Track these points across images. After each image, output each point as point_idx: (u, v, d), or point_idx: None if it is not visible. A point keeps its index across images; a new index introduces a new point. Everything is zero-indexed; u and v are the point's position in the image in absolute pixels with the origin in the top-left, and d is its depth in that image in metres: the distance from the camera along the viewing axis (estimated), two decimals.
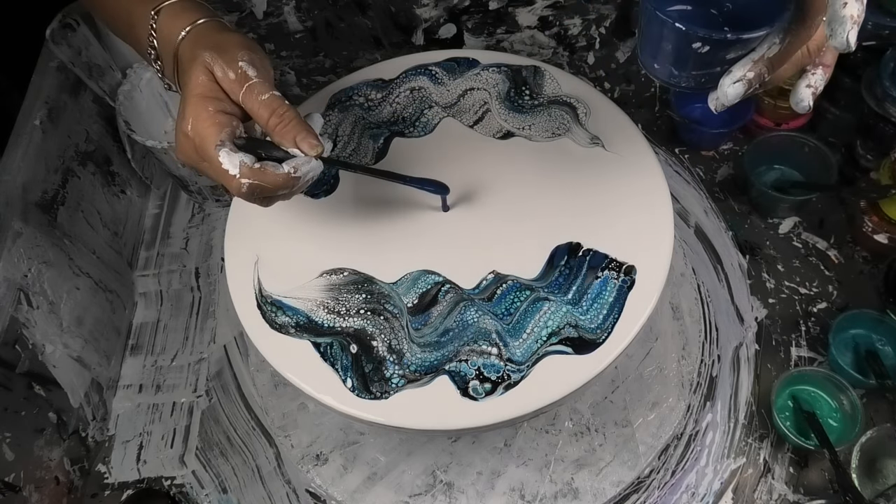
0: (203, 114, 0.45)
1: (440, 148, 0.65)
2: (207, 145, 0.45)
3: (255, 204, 0.48)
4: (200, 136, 0.45)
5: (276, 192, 0.47)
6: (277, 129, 0.47)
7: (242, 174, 0.44)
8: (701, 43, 0.41)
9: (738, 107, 0.49)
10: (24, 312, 0.67)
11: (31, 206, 0.71)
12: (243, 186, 0.45)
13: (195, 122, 0.45)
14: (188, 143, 0.46)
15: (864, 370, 0.71)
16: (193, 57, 0.47)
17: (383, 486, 0.66)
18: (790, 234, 0.83)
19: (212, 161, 0.45)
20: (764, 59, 0.42)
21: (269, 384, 0.73)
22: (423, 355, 0.53)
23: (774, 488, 0.68)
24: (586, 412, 0.69)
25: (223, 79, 0.47)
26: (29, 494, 0.66)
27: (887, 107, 0.75)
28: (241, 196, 0.46)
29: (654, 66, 0.45)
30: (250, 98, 0.47)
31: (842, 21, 0.38)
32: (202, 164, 0.46)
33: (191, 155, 0.47)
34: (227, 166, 0.44)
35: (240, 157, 0.45)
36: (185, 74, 0.48)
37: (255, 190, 0.45)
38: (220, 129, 0.45)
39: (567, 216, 0.59)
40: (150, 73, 0.86)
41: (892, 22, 0.77)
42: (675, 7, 0.46)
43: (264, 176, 0.45)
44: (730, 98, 0.43)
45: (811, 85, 0.43)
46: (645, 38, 0.45)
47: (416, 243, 0.59)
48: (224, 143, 0.45)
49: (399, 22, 0.96)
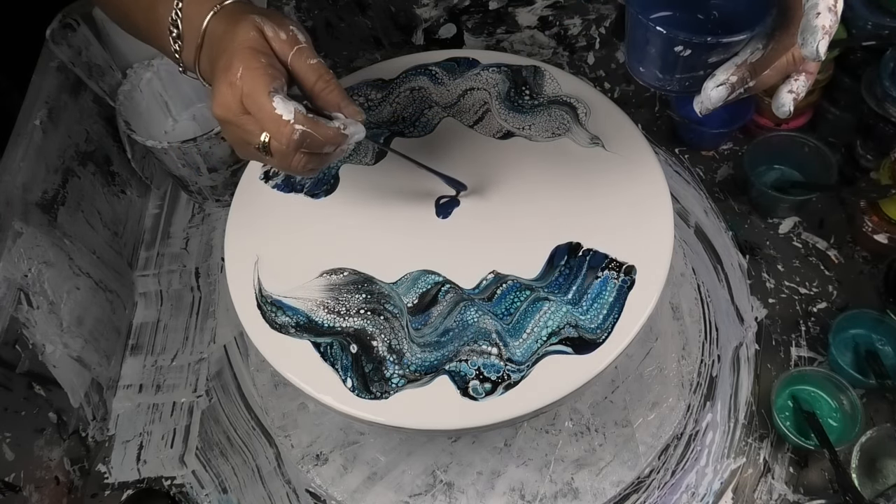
0: (255, 63, 0.45)
1: (440, 148, 0.65)
2: (259, 92, 0.44)
3: (296, 168, 0.47)
4: (251, 84, 0.44)
5: (323, 147, 0.46)
6: (323, 93, 0.48)
7: (297, 120, 0.44)
8: (683, 46, 0.42)
9: (738, 107, 0.50)
10: (24, 312, 0.67)
11: (32, 206, 0.71)
12: (296, 132, 0.44)
13: (246, 70, 0.45)
14: (232, 94, 0.45)
15: (864, 370, 0.71)
16: (237, 20, 0.47)
17: (383, 486, 0.66)
18: (790, 234, 0.83)
19: (262, 108, 0.44)
20: (747, 63, 0.43)
21: (269, 384, 0.73)
22: (423, 355, 0.53)
23: (774, 488, 0.68)
24: (586, 412, 0.69)
25: (274, 38, 0.47)
26: (29, 494, 0.66)
27: (887, 107, 0.75)
28: (289, 147, 0.45)
29: (641, 70, 0.46)
30: (299, 60, 0.47)
31: (813, 31, 0.39)
32: (242, 116, 0.46)
33: (231, 106, 0.46)
34: (281, 111, 0.44)
35: (294, 104, 0.44)
36: (225, 38, 0.47)
37: (306, 139, 0.45)
38: (272, 79, 0.45)
39: (567, 216, 0.59)
40: (151, 73, 0.86)
41: (892, 22, 0.77)
42: (661, 13, 0.47)
43: (317, 126, 0.45)
44: (713, 101, 0.44)
45: (793, 90, 0.44)
46: (631, 43, 0.46)
47: (416, 243, 0.59)
48: (277, 91, 0.45)
49: (399, 22, 0.96)
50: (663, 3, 0.47)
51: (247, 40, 0.46)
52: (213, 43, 0.48)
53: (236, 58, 0.45)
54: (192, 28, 0.49)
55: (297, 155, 0.46)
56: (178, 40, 0.50)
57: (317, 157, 0.48)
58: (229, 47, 0.46)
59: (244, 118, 0.46)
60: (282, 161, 0.47)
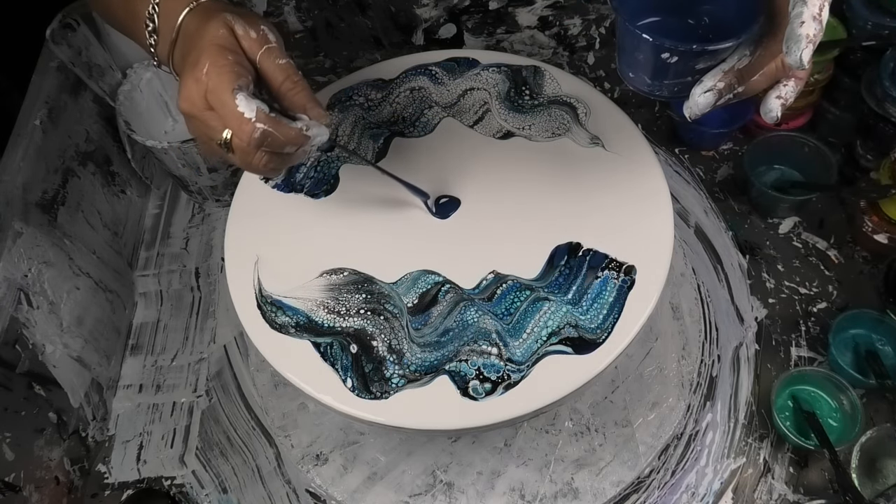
0: (221, 60, 0.45)
1: (440, 148, 0.65)
2: (223, 89, 0.44)
3: (258, 167, 0.47)
4: (216, 81, 0.45)
5: (284, 147, 0.47)
6: (290, 94, 0.48)
7: (258, 118, 0.44)
8: (669, 53, 0.43)
9: (738, 107, 0.50)
10: (24, 312, 0.67)
11: (32, 206, 0.71)
12: (256, 131, 0.44)
13: (212, 67, 0.45)
14: (197, 89, 0.45)
15: (864, 370, 0.71)
16: (209, 17, 0.47)
17: (383, 486, 0.66)
18: (790, 234, 0.83)
19: (225, 105, 0.44)
20: (734, 70, 0.44)
21: (269, 384, 0.73)
22: (423, 355, 0.53)
23: (774, 488, 0.68)
24: (586, 412, 0.69)
25: (244, 36, 0.47)
26: (29, 494, 0.66)
27: (887, 107, 0.75)
28: (250, 145, 0.45)
29: (630, 76, 0.47)
30: (268, 59, 0.47)
31: (797, 39, 0.39)
32: (206, 112, 0.46)
33: (196, 101, 0.46)
34: (243, 108, 0.44)
35: (257, 102, 0.45)
36: (197, 34, 0.47)
37: (267, 138, 0.45)
38: (237, 76, 0.45)
39: (567, 216, 0.59)
40: (151, 73, 0.86)
41: (892, 22, 0.77)
42: (650, 19, 0.48)
43: (278, 125, 0.45)
44: (700, 107, 0.45)
45: (781, 96, 0.44)
46: (621, 50, 0.47)
47: (416, 243, 0.59)
48: (242, 89, 0.45)
49: (399, 22, 0.96)
50: (653, 10, 0.48)
51: (216, 37, 0.46)
52: (186, 39, 0.48)
53: (204, 54, 0.46)
54: (167, 23, 0.49)
55: (258, 153, 0.46)
56: (154, 34, 0.51)
57: (278, 157, 0.48)
58: (199, 43, 0.46)
59: (207, 114, 0.46)
60: (243, 158, 0.47)
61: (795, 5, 0.40)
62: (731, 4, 0.45)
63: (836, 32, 0.81)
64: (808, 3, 0.39)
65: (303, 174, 0.64)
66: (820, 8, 0.39)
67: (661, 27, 0.47)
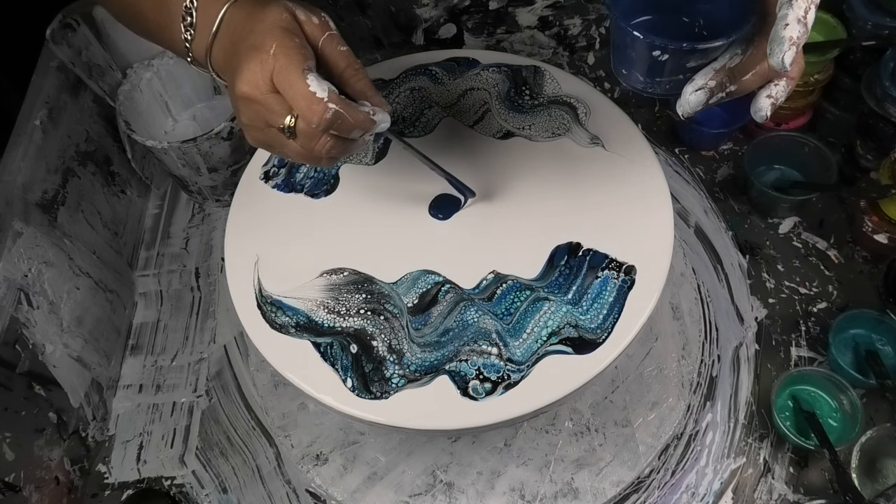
0: (289, 42, 0.45)
1: (440, 148, 0.65)
2: (293, 69, 0.44)
3: (319, 153, 0.46)
4: (285, 61, 0.44)
5: (351, 132, 0.46)
6: (352, 80, 0.48)
7: (331, 99, 0.44)
8: (660, 52, 0.43)
9: (738, 107, 0.50)
10: (24, 312, 0.67)
11: (32, 206, 0.71)
12: (328, 111, 0.43)
13: (279, 48, 0.44)
14: (262, 70, 0.44)
15: (864, 370, 0.71)
16: (264, 4, 0.46)
17: (383, 486, 0.66)
18: (790, 234, 0.83)
19: (294, 86, 0.44)
20: (725, 68, 0.44)
21: (269, 384, 0.73)
22: (423, 355, 0.53)
23: (774, 488, 0.68)
24: (586, 412, 0.69)
25: (306, 22, 0.47)
26: (29, 494, 0.66)
27: (887, 107, 0.75)
28: (319, 126, 0.44)
29: (624, 73, 0.47)
30: (330, 45, 0.47)
31: (780, 41, 0.39)
32: (269, 95, 0.45)
33: (259, 84, 0.45)
34: (315, 89, 0.43)
35: (328, 84, 0.44)
36: (253, 20, 0.46)
37: (337, 119, 0.44)
38: (305, 59, 0.45)
39: (567, 216, 0.59)
40: (151, 73, 0.86)
41: (892, 22, 0.77)
42: (644, 17, 0.48)
43: (349, 107, 0.45)
44: (692, 105, 0.45)
45: (771, 95, 0.44)
46: (615, 48, 0.47)
47: (416, 243, 0.59)
48: (312, 70, 0.44)
49: (399, 22, 0.96)
50: (647, 9, 0.48)
51: (280, 20, 0.46)
52: (234, 29, 0.47)
53: (269, 36, 0.45)
54: (206, 16, 0.49)
55: (322, 137, 0.45)
56: (191, 29, 0.50)
57: (341, 143, 0.47)
58: (258, 28, 0.45)
59: (271, 97, 0.45)
60: (306, 143, 0.46)
61: (782, 7, 0.40)
62: (725, 4, 0.46)
63: (836, 32, 0.81)
64: (793, 6, 0.39)
65: (303, 174, 0.64)
66: (805, 11, 0.39)
67: (656, 26, 0.48)
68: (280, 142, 0.47)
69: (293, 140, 0.46)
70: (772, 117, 0.88)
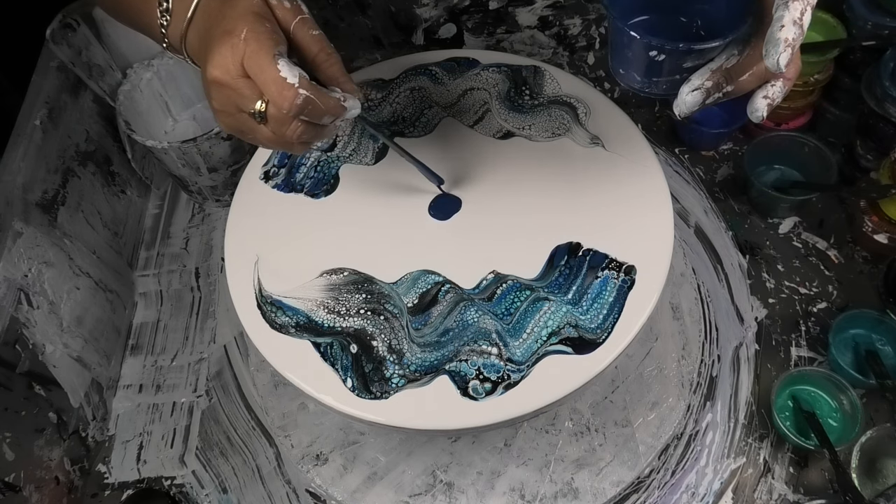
0: (260, 27, 0.44)
1: (440, 148, 0.65)
2: (264, 55, 0.43)
3: (290, 138, 0.46)
4: (255, 46, 0.44)
5: (322, 118, 0.46)
6: (324, 65, 0.47)
7: (301, 85, 0.43)
8: (657, 52, 0.43)
9: (738, 107, 0.50)
10: (24, 312, 0.67)
11: (32, 206, 0.71)
12: (299, 97, 0.43)
13: (250, 33, 0.44)
14: (233, 55, 0.44)
15: (864, 370, 0.71)
16: None
17: (383, 486, 0.66)
18: (790, 234, 0.83)
19: (264, 71, 0.43)
20: (722, 69, 0.44)
21: (269, 384, 0.73)
22: (423, 355, 0.53)
23: (774, 488, 0.68)
24: (586, 412, 0.69)
25: (277, 6, 0.46)
26: (29, 494, 0.66)
27: (887, 107, 0.75)
28: (290, 111, 0.44)
29: (621, 73, 0.47)
30: (302, 29, 0.47)
31: (776, 43, 0.39)
32: (240, 79, 0.45)
33: (230, 68, 0.44)
34: (285, 74, 0.43)
35: (298, 69, 0.44)
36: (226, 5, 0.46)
37: (308, 105, 0.44)
38: (276, 44, 0.44)
39: (567, 216, 0.59)
40: (151, 73, 0.86)
41: (892, 22, 0.77)
42: (642, 17, 0.48)
43: (319, 93, 0.45)
44: (688, 105, 0.44)
45: (768, 96, 0.44)
46: (612, 47, 0.47)
47: (416, 243, 0.59)
48: (282, 55, 0.44)
49: (399, 22, 0.96)
50: (645, 9, 0.48)
51: (251, 5, 0.45)
52: (208, 14, 0.47)
53: (240, 21, 0.44)
54: (183, 1, 0.48)
55: (293, 123, 0.45)
56: (167, 14, 0.49)
57: (312, 129, 0.47)
58: (230, 13, 0.45)
59: (242, 81, 0.45)
60: (277, 129, 0.45)
61: (778, 8, 0.40)
62: (722, 4, 0.46)
63: (836, 32, 0.81)
64: (789, 8, 0.39)
65: (303, 174, 0.64)
66: (801, 12, 0.39)
67: (653, 26, 0.48)
68: (251, 127, 0.46)
69: (264, 125, 0.46)
70: (772, 117, 0.89)
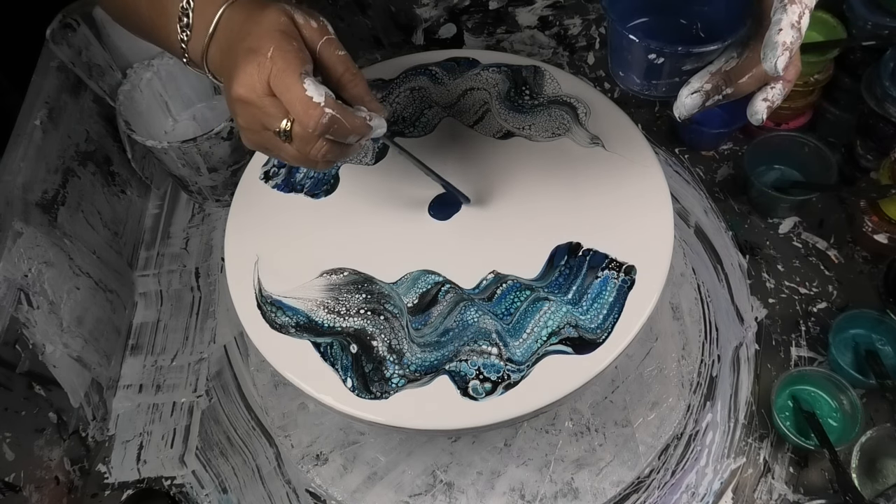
0: (287, 45, 0.44)
1: (440, 148, 0.65)
2: (290, 73, 0.43)
3: (315, 157, 0.46)
4: (282, 65, 0.44)
5: (347, 137, 0.46)
6: (349, 85, 0.48)
7: (327, 104, 0.43)
8: (656, 55, 0.43)
9: (738, 107, 0.50)
10: (24, 312, 0.67)
11: (32, 206, 0.71)
12: (325, 116, 0.43)
13: (277, 51, 0.44)
14: (259, 73, 0.44)
15: (864, 370, 0.71)
16: (262, 6, 0.46)
17: (383, 486, 0.66)
18: (790, 234, 0.83)
19: (290, 90, 0.43)
20: (721, 72, 0.44)
21: (269, 384, 0.73)
22: (423, 355, 0.53)
23: (774, 488, 0.68)
24: (586, 412, 0.69)
25: (304, 25, 0.46)
26: (29, 494, 0.66)
27: (887, 107, 0.75)
28: (315, 131, 0.44)
29: (621, 75, 0.47)
30: (328, 49, 0.47)
31: (773, 46, 0.39)
32: (266, 98, 0.44)
33: (256, 87, 0.44)
34: (311, 93, 0.43)
35: (325, 88, 0.44)
36: (250, 22, 0.46)
37: (334, 124, 0.44)
38: (303, 63, 0.44)
39: (567, 216, 0.59)
40: (151, 73, 0.86)
41: (892, 22, 0.77)
42: (642, 19, 0.48)
43: (345, 112, 0.45)
44: (688, 108, 0.45)
45: (768, 98, 0.44)
46: (612, 50, 0.47)
47: (416, 243, 0.59)
48: (309, 74, 0.44)
49: (399, 22, 0.96)
50: (645, 11, 0.48)
51: (278, 24, 0.45)
52: (231, 30, 0.47)
53: (266, 39, 0.44)
54: (203, 17, 0.48)
55: (318, 142, 0.45)
56: (187, 30, 0.49)
57: (337, 147, 0.47)
58: (255, 30, 0.45)
59: (267, 100, 0.44)
60: (302, 147, 0.45)
61: (776, 11, 0.40)
62: (721, 7, 0.46)
63: (836, 32, 0.81)
64: (787, 11, 0.39)
65: (303, 174, 0.64)
66: (799, 16, 0.39)
67: (653, 28, 0.48)
68: (276, 145, 0.46)
69: (289, 144, 0.45)
70: (772, 117, 0.89)
